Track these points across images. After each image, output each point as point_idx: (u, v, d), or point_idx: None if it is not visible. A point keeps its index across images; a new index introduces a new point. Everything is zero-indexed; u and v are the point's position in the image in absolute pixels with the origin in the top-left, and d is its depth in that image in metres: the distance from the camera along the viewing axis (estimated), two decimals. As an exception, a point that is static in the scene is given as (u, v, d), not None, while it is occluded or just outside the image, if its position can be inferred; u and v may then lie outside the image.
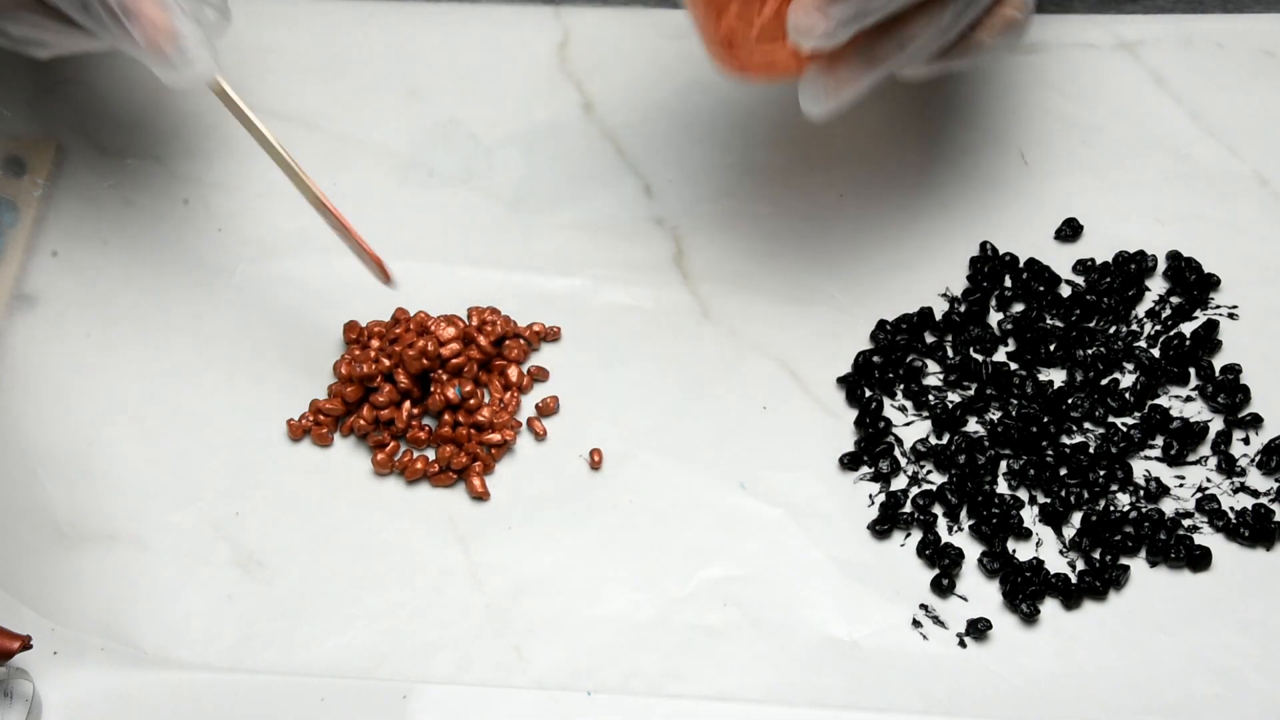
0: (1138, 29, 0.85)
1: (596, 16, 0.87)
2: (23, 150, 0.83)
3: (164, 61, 0.71)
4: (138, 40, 0.71)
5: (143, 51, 0.71)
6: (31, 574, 0.73)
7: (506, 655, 0.72)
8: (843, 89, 0.70)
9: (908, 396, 0.77)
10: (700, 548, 0.74)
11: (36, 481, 0.76)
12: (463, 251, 0.81)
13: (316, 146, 0.84)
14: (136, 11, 0.70)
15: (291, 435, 0.77)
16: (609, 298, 0.80)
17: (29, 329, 0.80)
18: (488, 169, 0.83)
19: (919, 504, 0.74)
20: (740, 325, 0.79)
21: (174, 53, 0.71)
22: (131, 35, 0.71)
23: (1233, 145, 0.82)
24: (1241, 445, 0.75)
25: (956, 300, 0.79)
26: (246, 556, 0.74)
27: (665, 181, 0.82)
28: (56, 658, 0.71)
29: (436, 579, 0.73)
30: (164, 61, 0.71)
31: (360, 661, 0.72)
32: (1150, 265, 0.79)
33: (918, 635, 0.71)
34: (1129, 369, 0.77)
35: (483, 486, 0.75)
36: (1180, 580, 0.72)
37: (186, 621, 0.73)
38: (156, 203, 0.83)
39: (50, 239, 0.82)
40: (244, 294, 0.80)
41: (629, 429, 0.76)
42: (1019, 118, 0.83)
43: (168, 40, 0.71)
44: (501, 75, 0.86)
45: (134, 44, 0.71)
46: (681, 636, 0.72)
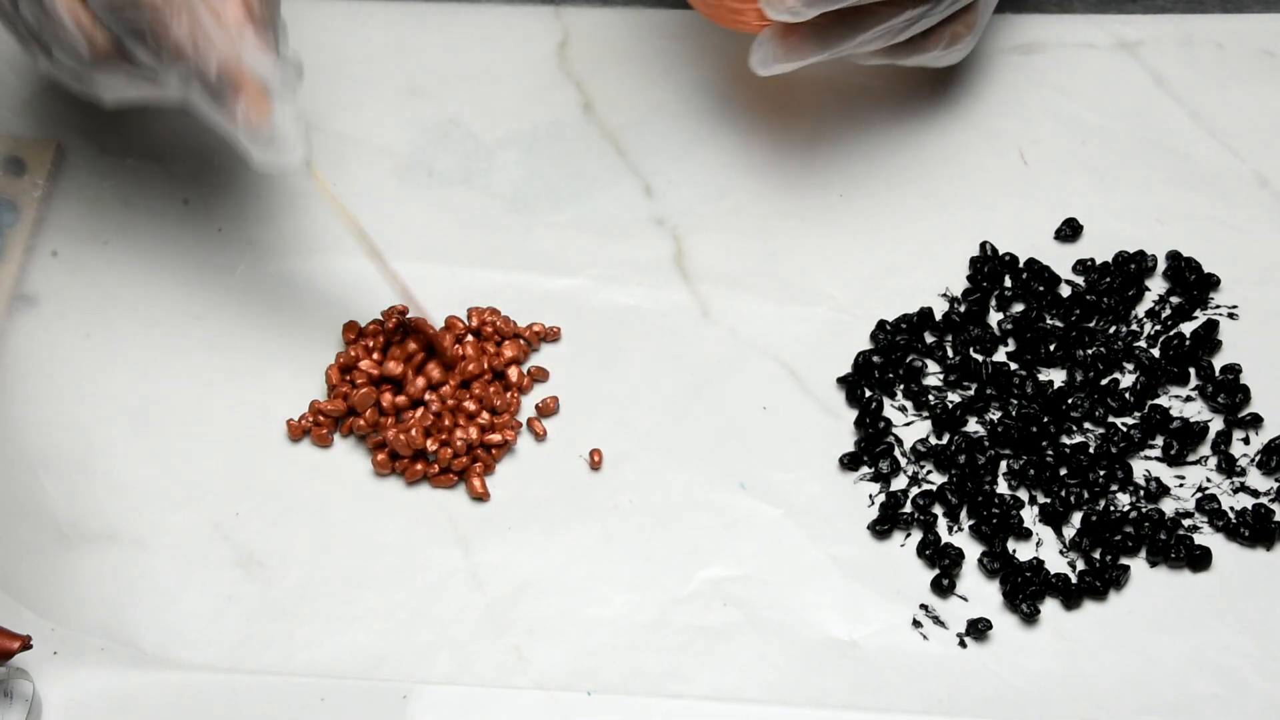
0: (1138, 29, 0.85)
1: (596, 16, 0.87)
2: (23, 150, 0.83)
3: (261, 143, 0.70)
4: (237, 120, 0.70)
5: (240, 131, 0.70)
6: (31, 574, 0.73)
7: (506, 655, 0.72)
8: (791, 59, 0.75)
9: (908, 396, 0.77)
10: (700, 548, 0.73)
11: (36, 481, 0.76)
12: (463, 251, 0.81)
13: (316, 146, 0.84)
14: (240, 89, 0.69)
15: (291, 435, 0.77)
16: (609, 298, 0.80)
17: (29, 329, 0.80)
18: (488, 169, 0.83)
19: (919, 504, 0.74)
20: (740, 325, 0.79)
21: (271, 135, 0.70)
22: (232, 113, 0.70)
23: (1233, 145, 0.82)
24: (1241, 445, 0.75)
25: (956, 300, 0.79)
26: (246, 556, 0.74)
27: (665, 181, 0.82)
28: (56, 658, 0.71)
29: (436, 579, 0.73)
30: (261, 143, 0.70)
31: (360, 661, 0.72)
32: (1150, 265, 0.79)
33: (918, 635, 0.71)
34: (1129, 369, 0.77)
35: (483, 487, 0.75)
36: (1180, 580, 0.72)
37: (186, 621, 0.73)
38: (156, 203, 0.83)
39: (50, 239, 0.82)
40: (244, 294, 0.80)
41: (629, 429, 0.76)
42: (1019, 118, 0.83)
43: (265, 122, 0.69)
44: (501, 75, 0.86)
45: (232, 121, 0.70)
46: (681, 636, 0.72)
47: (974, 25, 0.78)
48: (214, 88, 0.69)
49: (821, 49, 0.75)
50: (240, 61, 0.69)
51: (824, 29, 0.74)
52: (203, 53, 0.69)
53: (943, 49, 0.78)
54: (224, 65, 0.69)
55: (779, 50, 0.75)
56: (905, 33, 0.76)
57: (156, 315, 0.80)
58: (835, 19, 0.74)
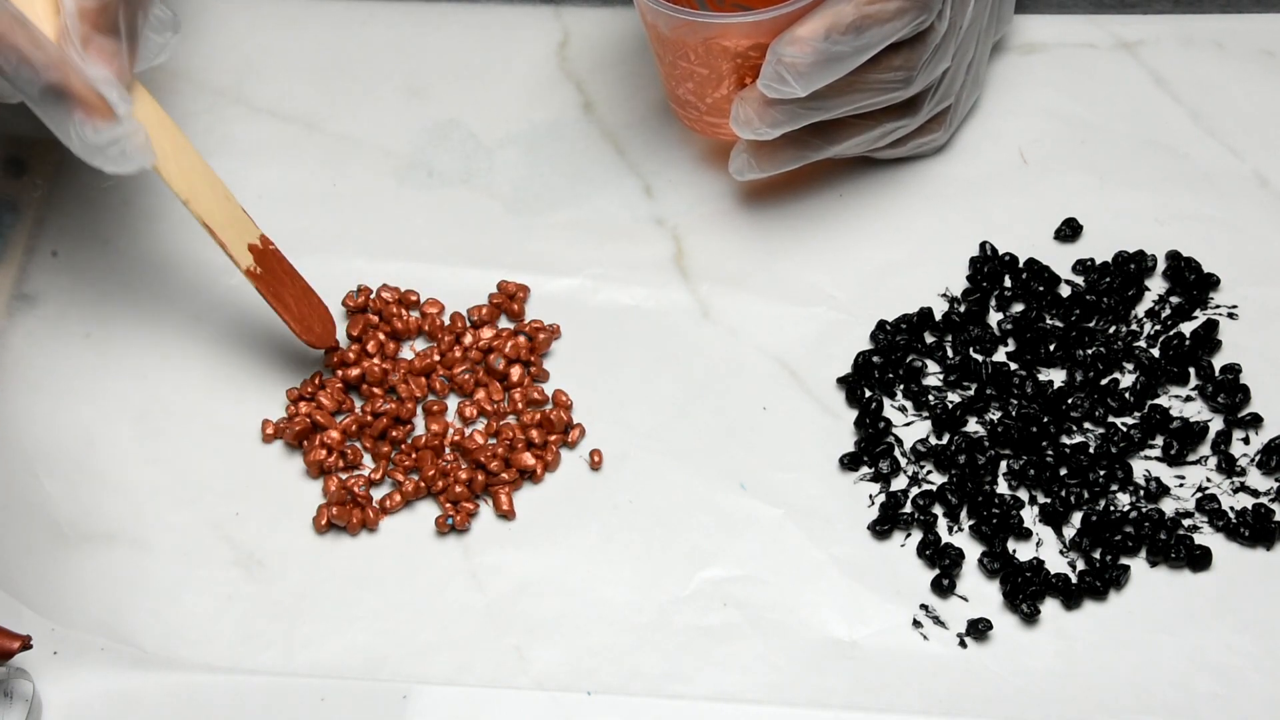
0: (1138, 29, 0.85)
1: (596, 16, 0.87)
2: (23, 150, 0.83)
3: (102, 158, 0.69)
4: (71, 138, 0.68)
5: (76, 147, 0.69)
6: (31, 574, 0.73)
7: (506, 655, 0.72)
8: (767, 166, 0.78)
9: (908, 397, 0.77)
10: (700, 548, 0.73)
11: (36, 481, 0.76)
12: (463, 251, 0.81)
13: (316, 146, 0.84)
14: (73, 103, 0.68)
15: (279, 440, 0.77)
16: (609, 298, 0.80)
17: (29, 329, 0.80)
18: (488, 169, 0.83)
19: (919, 504, 0.74)
20: (740, 325, 0.79)
21: (110, 149, 0.69)
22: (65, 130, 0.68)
23: (1233, 145, 0.82)
24: (1241, 445, 0.75)
25: (956, 300, 0.79)
26: (246, 556, 0.74)
27: (665, 181, 0.82)
28: (56, 658, 0.71)
29: (436, 579, 0.73)
30: (102, 158, 0.69)
31: (360, 661, 0.72)
32: (1150, 265, 0.79)
33: (918, 635, 0.71)
34: (1129, 369, 0.77)
35: (509, 505, 0.75)
36: (1180, 580, 0.72)
37: (186, 621, 0.73)
38: (156, 203, 0.83)
39: (50, 239, 0.82)
40: (244, 294, 0.80)
41: (629, 429, 0.76)
42: (1019, 118, 0.83)
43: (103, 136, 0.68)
44: (501, 75, 0.86)
45: (66, 138, 0.69)
46: (681, 637, 0.72)
47: (947, 125, 0.80)
48: (45, 104, 0.68)
49: (797, 158, 0.78)
50: (69, 75, 0.68)
51: (799, 140, 0.77)
52: (29, 69, 0.68)
53: (919, 146, 0.81)
54: (52, 81, 0.68)
55: (755, 160, 0.78)
56: (880, 141, 0.78)
57: (156, 315, 0.80)
58: (811, 131, 0.77)
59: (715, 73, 0.76)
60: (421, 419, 0.77)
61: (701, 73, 0.76)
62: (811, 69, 0.72)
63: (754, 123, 0.74)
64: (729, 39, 0.74)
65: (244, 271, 0.75)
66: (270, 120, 0.85)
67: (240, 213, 0.75)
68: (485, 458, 0.75)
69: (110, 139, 0.69)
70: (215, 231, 0.74)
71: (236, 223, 0.75)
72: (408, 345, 0.79)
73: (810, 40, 0.72)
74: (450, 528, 0.74)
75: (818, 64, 0.72)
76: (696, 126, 0.81)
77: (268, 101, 0.85)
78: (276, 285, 0.76)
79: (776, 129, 0.75)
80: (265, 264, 0.76)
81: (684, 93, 0.79)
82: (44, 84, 0.68)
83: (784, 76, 0.72)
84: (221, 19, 0.88)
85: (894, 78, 0.75)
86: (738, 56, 0.75)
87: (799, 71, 0.72)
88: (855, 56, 0.73)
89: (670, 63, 0.77)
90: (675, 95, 0.80)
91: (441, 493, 0.75)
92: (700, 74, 0.76)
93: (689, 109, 0.79)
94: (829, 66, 0.72)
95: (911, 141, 0.80)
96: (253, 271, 0.75)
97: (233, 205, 0.75)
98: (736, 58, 0.75)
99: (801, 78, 0.72)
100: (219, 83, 0.86)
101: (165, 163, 0.72)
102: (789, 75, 0.72)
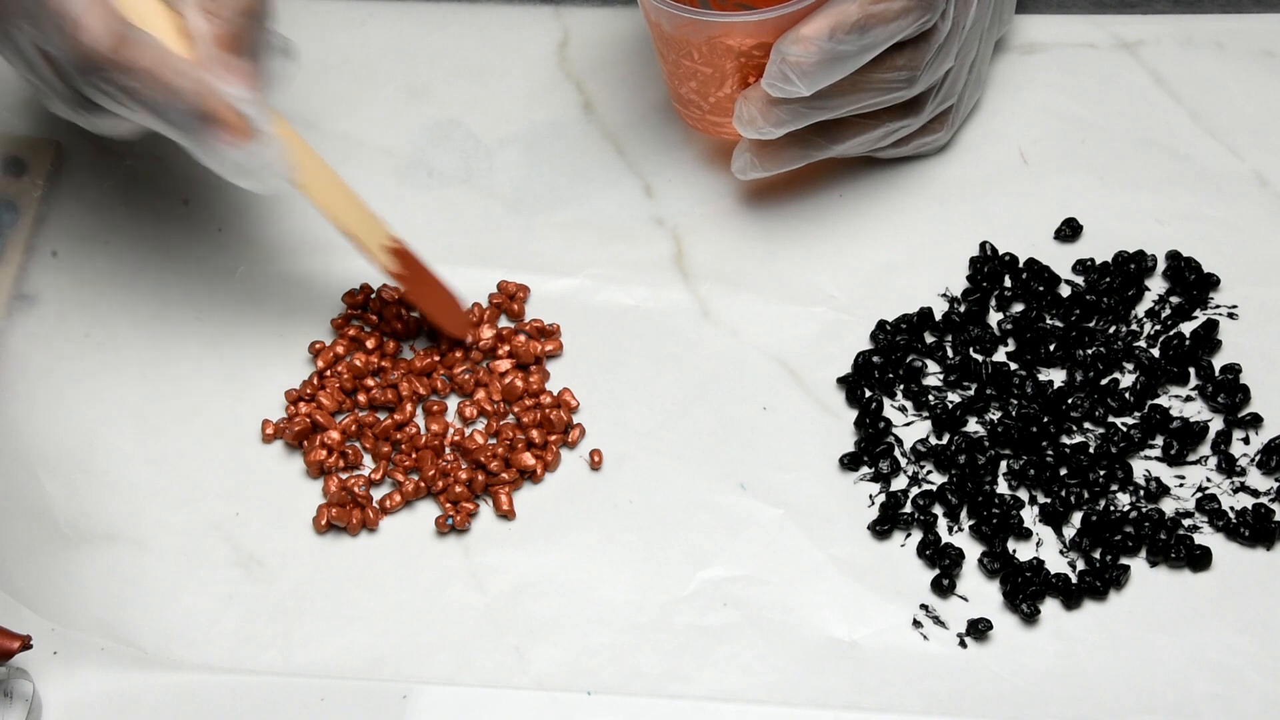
0: (1138, 29, 0.85)
1: (596, 16, 0.87)
2: (23, 150, 0.83)
3: (246, 176, 0.70)
4: (218, 158, 0.69)
5: (223, 168, 0.70)
6: (31, 574, 0.73)
7: (506, 655, 0.72)
8: (770, 165, 0.78)
9: (908, 397, 0.77)
10: (700, 548, 0.73)
11: (36, 481, 0.76)
12: (463, 251, 0.81)
13: (316, 146, 0.83)
14: (215, 124, 0.69)
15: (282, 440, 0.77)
16: (609, 298, 0.80)
17: (29, 329, 0.80)
18: (488, 169, 0.83)
19: (919, 504, 0.74)
20: (740, 325, 0.79)
21: (253, 166, 0.70)
22: (211, 150, 0.69)
23: (1233, 145, 0.82)
24: (1241, 445, 0.75)
25: (956, 300, 0.79)
26: (246, 556, 0.74)
27: (665, 181, 0.82)
28: (56, 658, 0.71)
29: (436, 579, 0.73)
30: (246, 176, 0.70)
31: (360, 662, 0.72)
32: (1150, 265, 0.79)
33: (918, 635, 0.71)
34: (1129, 369, 0.77)
35: (509, 505, 0.75)
36: (1180, 580, 0.72)
37: (186, 621, 0.73)
38: (156, 203, 0.83)
39: (50, 239, 0.82)
40: (244, 294, 0.80)
41: (629, 429, 0.76)
42: (1019, 117, 0.83)
43: (245, 153, 0.69)
44: (501, 75, 0.86)
45: (212, 160, 0.70)
46: (681, 637, 0.72)
47: (950, 125, 0.80)
48: (191, 131, 0.69)
49: (800, 157, 0.78)
50: (210, 97, 0.69)
51: (802, 139, 0.77)
52: (172, 97, 0.68)
53: (920, 146, 0.81)
54: (194, 105, 0.68)
55: (757, 159, 0.78)
56: (883, 141, 0.78)
57: (156, 315, 0.80)
58: (814, 130, 0.77)
59: (719, 71, 0.76)
60: (421, 419, 0.77)
61: (705, 71, 0.76)
62: (816, 68, 0.72)
63: (757, 122, 0.75)
64: (733, 38, 0.74)
65: (388, 273, 0.75)
66: (270, 120, 0.85)
67: (373, 217, 0.75)
68: (485, 458, 0.75)
69: (259, 157, 0.70)
70: (359, 238, 0.75)
71: (371, 228, 0.75)
72: (408, 345, 0.79)
73: (815, 39, 0.72)
74: (450, 528, 0.74)
75: (822, 63, 0.72)
76: (699, 126, 0.81)
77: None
78: (418, 285, 0.76)
79: (780, 128, 0.75)
80: (403, 263, 0.76)
81: (687, 92, 0.79)
82: (191, 111, 0.68)
83: (788, 75, 0.72)
84: (221, 19, 0.88)
85: (897, 77, 0.75)
86: (741, 55, 0.75)
87: (803, 71, 0.72)
88: (859, 56, 0.73)
89: (673, 61, 0.77)
90: (678, 94, 0.80)
91: (441, 493, 0.75)
92: (703, 73, 0.77)
93: (692, 108, 0.79)
94: (833, 66, 0.72)
95: (914, 141, 0.80)
96: (395, 272, 0.76)
97: (365, 210, 0.75)
98: (740, 56, 0.75)
99: (806, 77, 0.72)
100: (219, 83, 0.86)
101: (305, 176, 0.73)
102: (793, 74, 0.72)
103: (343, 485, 0.75)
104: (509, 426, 0.76)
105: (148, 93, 0.68)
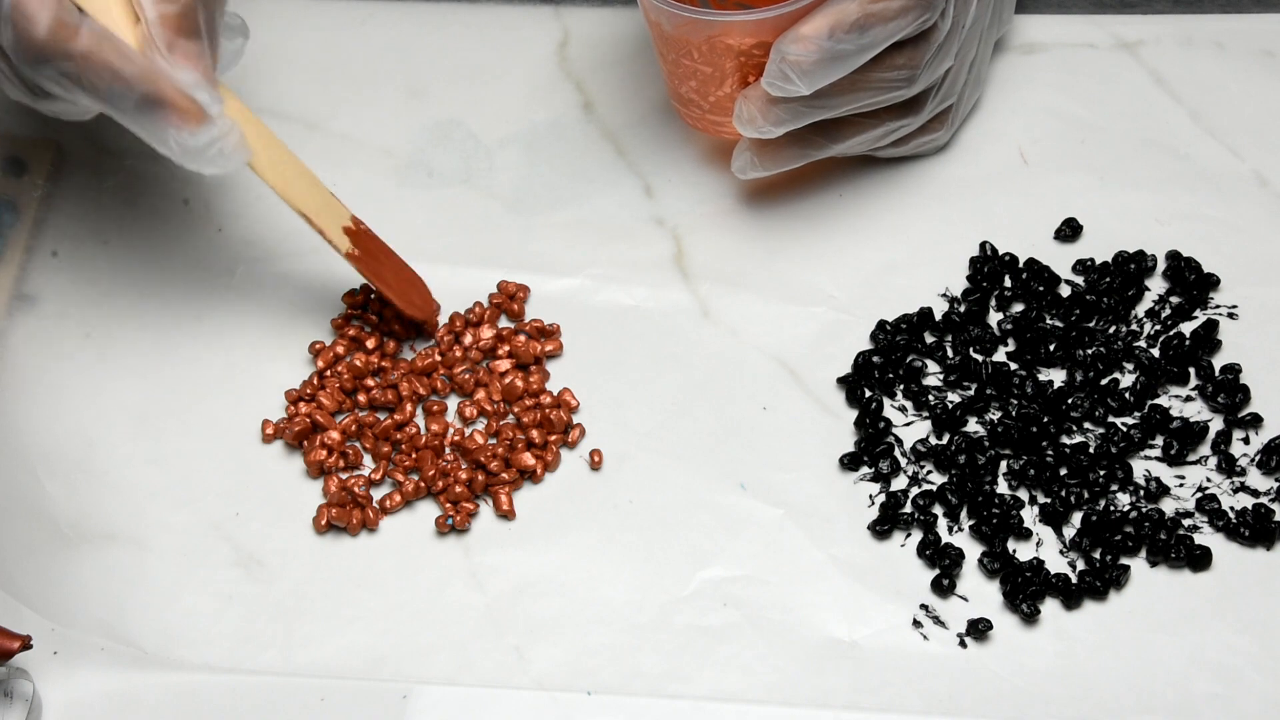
0: (1138, 29, 0.85)
1: (596, 16, 0.87)
2: (23, 150, 0.83)
3: (200, 161, 0.70)
4: (170, 144, 0.69)
5: (175, 153, 0.69)
6: (31, 574, 0.73)
7: (506, 655, 0.72)
8: (770, 164, 0.78)
9: (908, 396, 0.77)
10: (700, 548, 0.73)
11: (36, 481, 0.76)
12: (463, 251, 0.81)
13: (316, 146, 0.84)
14: (167, 110, 0.69)
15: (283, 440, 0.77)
16: (609, 298, 0.80)
17: (29, 329, 0.80)
18: (488, 169, 0.83)
19: (919, 504, 0.74)
20: (740, 325, 0.79)
21: (207, 150, 0.70)
22: (163, 137, 0.69)
23: (1233, 145, 0.82)
24: (1241, 445, 0.75)
25: (956, 300, 0.79)
26: (246, 556, 0.74)
27: (665, 181, 0.82)
28: (56, 658, 0.71)
29: (436, 579, 0.73)
30: (200, 161, 0.70)
31: (360, 661, 0.72)
32: (1150, 265, 0.79)
33: (918, 635, 0.71)
34: (1129, 369, 0.77)
35: (509, 505, 0.75)
36: (1180, 580, 0.72)
37: (186, 621, 0.73)
38: (156, 203, 0.83)
39: (50, 239, 0.82)
40: (244, 294, 0.80)
41: (629, 429, 0.76)
42: (1019, 117, 0.83)
43: (199, 138, 0.69)
44: (501, 75, 0.86)
45: (165, 146, 0.69)
46: (681, 636, 0.72)
47: (949, 124, 0.81)
48: (139, 116, 0.69)
49: (800, 156, 0.78)
50: (161, 83, 0.68)
51: (802, 138, 0.77)
52: (122, 84, 0.68)
53: (920, 146, 0.81)
54: (142, 90, 0.68)
55: (757, 159, 0.78)
56: (883, 140, 0.78)
57: (156, 315, 0.80)
58: (814, 129, 0.77)
59: (718, 71, 0.76)
60: (421, 419, 0.77)
61: (705, 71, 0.76)
62: (815, 67, 0.72)
63: (757, 121, 0.75)
64: (732, 37, 0.74)
65: (344, 255, 0.75)
66: (270, 120, 0.85)
67: (331, 198, 0.75)
68: (485, 458, 0.75)
69: (209, 141, 0.69)
70: (312, 219, 0.75)
71: (329, 208, 0.75)
72: (408, 345, 0.79)
73: (814, 38, 0.72)
74: (450, 528, 0.74)
75: (822, 62, 0.72)
76: (699, 125, 0.81)
77: (268, 101, 0.85)
78: (375, 265, 0.76)
79: (780, 127, 0.75)
80: (361, 245, 0.76)
81: (687, 91, 0.79)
82: (138, 96, 0.68)
83: (788, 75, 0.72)
84: (221, 19, 0.88)
85: (897, 76, 0.75)
86: (741, 55, 0.75)
87: (803, 70, 0.72)
88: (859, 55, 0.73)
89: (673, 61, 0.77)
90: (678, 94, 0.80)
91: (441, 493, 0.75)
92: (703, 72, 0.77)
93: (692, 107, 0.79)
94: (833, 65, 0.72)
95: (914, 140, 0.80)
96: (352, 254, 0.75)
97: (323, 191, 0.75)
98: (740, 56, 0.75)
99: (805, 76, 0.72)
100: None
101: (258, 157, 0.73)
102: (793, 73, 0.72)
103: (343, 485, 0.75)
104: (509, 426, 0.76)
105: (94, 79, 0.68)
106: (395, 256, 0.77)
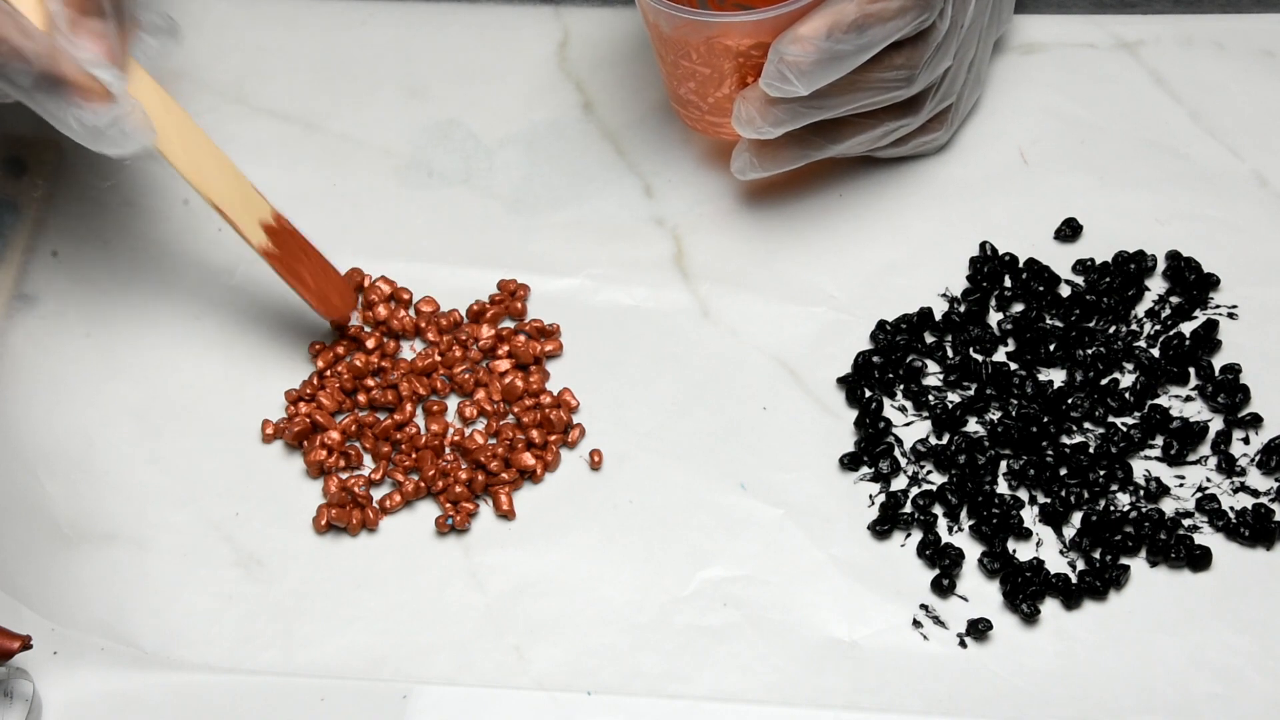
0: (1138, 29, 0.85)
1: (596, 16, 0.87)
2: (23, 150, 0.83)
3: (101, 142, 0.69)
4: (69, 123, 0.68)
5: (75, 132, 0.69)
6: (31, 574, 0.73)
7: (506, 655, 0.72)
8: (769, 165, 0.78)
9: (908, 397, 0.77)
10: (700, 548, 0.73)
11: (36, 481, 0.76)
12: (463, 251, 0.81)
13: (316, 146, 0.84)
14: (68, 89, 0.68)
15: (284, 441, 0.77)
16: (609, 298, 0.80)
17: (29, 329, 0.80)
18: (488, 169, 0.83)
19: (919, 504, 0.74)
20: (740, 325, 0.79)
21: (108, 131, 0.69)
22: (63, 117, 0.68)
23: (1233, 145, 0.82)
24: (1241, 445, 0.75)
25: (956, 300, 0.79)
26: (246, 556, 0.74)
27: (665, 181, 0.82)
28: (56, 658, 0.71)
29: (436, 579, 0.73)
30: (101, 142, 0.69)
31: (360, 661, 0.72)
32: (1150, 265, 0.79)
33: (918, 635, 0.71)
34: (1129, 369, 0.77)
35: (509, 505, 0.75)
36: (1180, 580, 0.72)
37: (186, 621, 0.73)
38: (156, 203, 0.83)
39: (50, 239, 0.82)
40: (244, 294, 0.80)
41: (629, 429, 0.76)
42: (1019, 118, 0.83)
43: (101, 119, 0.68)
44: (501, 75, 0.86)
45: (64, 125, 0.68)
46: (681, 636, 0.72)
47: (949, 124, 0.80)
48: (40, 95, 0.68)
49: (799, 157, 0.78)
50: (62, 61, 0.68)
51: (801, 139, 0.77)
52: (21, 61, 0.67)
53: (919, 146, 0.81)
54: (45, 70, 0.67)
55: (757, 159, 0.78)
56: (882, 140, 0.78)
57: (156, 315, 0.80)
58: (813, 130, 0.77)
59: (717, 72, 0.76)
60: (421, 419, 0.77)
61: (703, 72, 0.76)
62: (814, 67, 0.72)
63: (756, 121, 0.75)
64: (731, 38, 0.74)
65: (257, 250, 0.75)
66: (270, 120, 0.85)
67: (251, 190, 0.75)
68: (485, 458, 0.75)
69: (109, 119, 0.69)
70: (224, 210, 0.74)
71: (247, 201, 0.74)
72: (408, 345, 0.79)
73: (812, 39, 0.72)
74: (450, 528, 0.74)
75: (820, 62, 0.72)
76: (698, 126, 0.81)
77: (268, 101, 0.85)
78: (292, 262, 0.76)
79: (779, 128, 0.75)
80: (279, 242, 0.75)
81: (685, 92, 0.79)
82: (37, 74, 0.67)
83: (786, 75, 0.72)
84: (221, 19, 0.88)
85: (896, 76, 0.75)
86: (740, 55, 0.75)
87: (801, 70, 0.72)
88: (857, 55, 0.73)
89: (672, 62, 0.77)
90: (677, 95, 0.80)
91: (441, 493, 0.75)
92: (702, 73, 0.77)
93: (691, 108, 0.79)
94: (831, 65, 0.72)
95: (913, 140, 0.80)
96: (266, 249, 0.75)
97: (242, 183, 0.74)
98: (738, 57, 0.75)
99: (804, 76, 0.72)
100: (219, 83, 0.86)
101: (167, 141, 0.72)
102: (791, 74, 0.72)
103: (343, 485, 0.75)
104: (509, 426, 0.76)
105: None
106: (318, 256, 0.77)
